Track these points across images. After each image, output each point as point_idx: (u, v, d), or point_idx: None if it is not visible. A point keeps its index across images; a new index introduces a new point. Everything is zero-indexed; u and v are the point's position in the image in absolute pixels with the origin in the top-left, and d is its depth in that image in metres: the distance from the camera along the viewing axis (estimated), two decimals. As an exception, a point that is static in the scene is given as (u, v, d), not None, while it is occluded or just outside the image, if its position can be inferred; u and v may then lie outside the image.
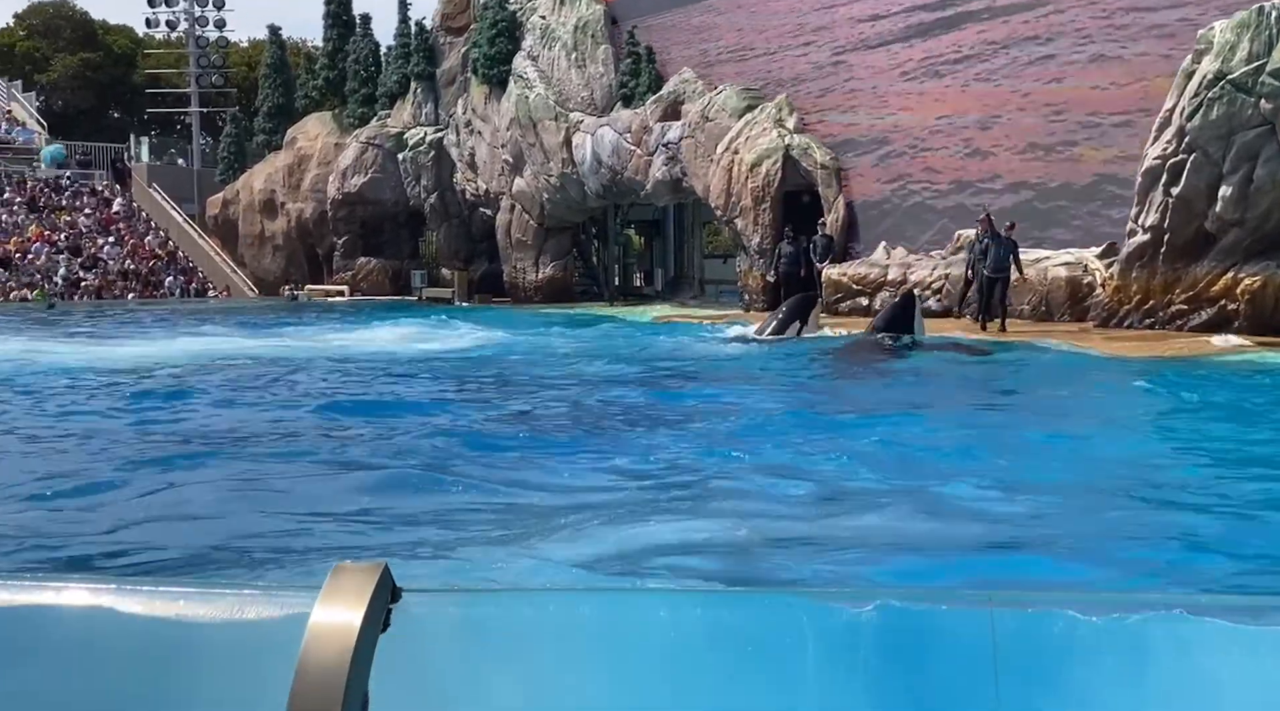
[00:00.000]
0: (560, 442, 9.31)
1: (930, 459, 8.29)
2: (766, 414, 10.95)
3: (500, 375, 15.27)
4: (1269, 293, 17.70)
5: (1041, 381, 14.33)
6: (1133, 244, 19.32)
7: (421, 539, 5.97)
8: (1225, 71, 17.55)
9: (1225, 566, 5.38)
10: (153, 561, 5.64)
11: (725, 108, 29.12)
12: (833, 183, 26.81)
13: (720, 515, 6.42)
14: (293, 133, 42.78)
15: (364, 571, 1.56)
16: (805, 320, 21.06)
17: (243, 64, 56.92)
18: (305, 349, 19.35)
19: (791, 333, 20.80)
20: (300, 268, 42.28)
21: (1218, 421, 10.31)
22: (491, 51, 35.79)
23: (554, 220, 35.61)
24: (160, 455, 8.78)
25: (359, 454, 8.68)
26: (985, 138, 23.99)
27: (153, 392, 13.05)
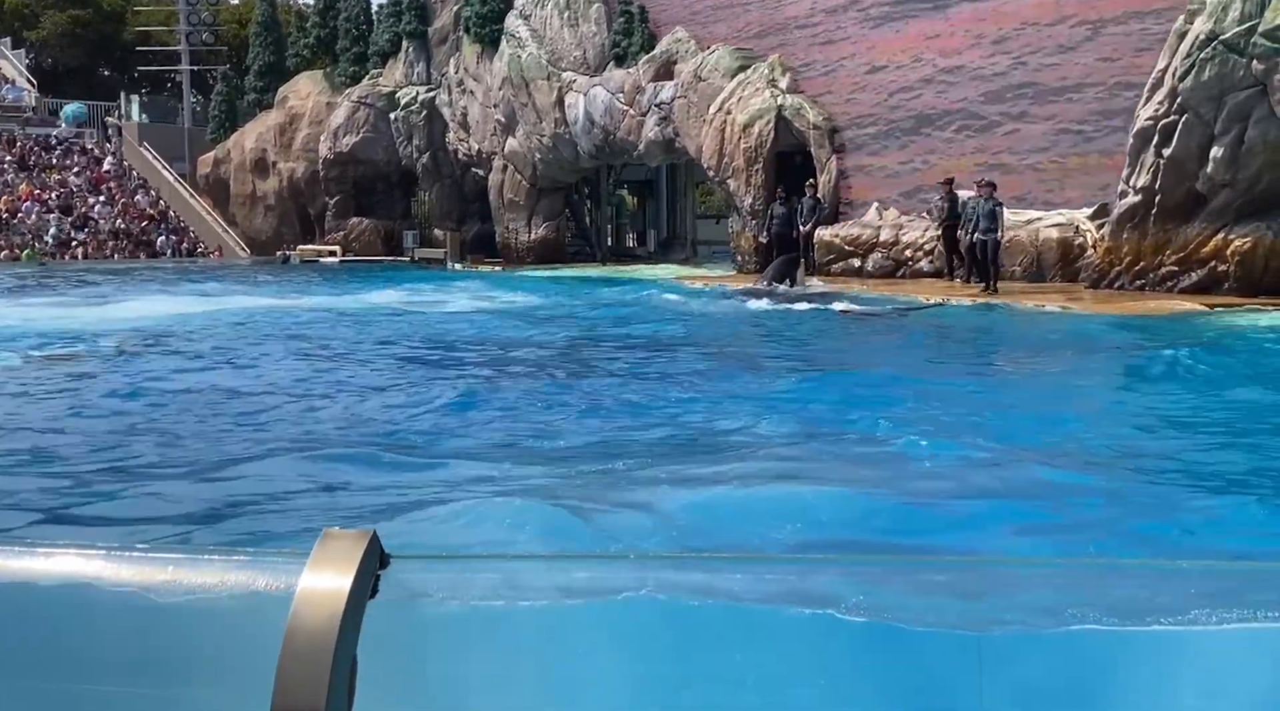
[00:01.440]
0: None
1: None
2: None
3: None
4: (1259, 254, 17.74)
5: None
6: (1124, 205, 19.32)
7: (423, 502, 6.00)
8: (1217, 32, 17.50)
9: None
10: (144, 523, 5.66)
11: (718, 68, 28.99)
12: (825, 143, 26.73)
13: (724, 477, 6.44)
14: (284, 92, 42.51)
15: (352, 538, 1.58)
16: (793, 281, 21.57)
17: (233, 22, 56.45)
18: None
19: (778, 288, 21.20)
20: (292, 227, 42.13)
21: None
22: (484, 10, 35.55)
23: (546, 180, 35.50)
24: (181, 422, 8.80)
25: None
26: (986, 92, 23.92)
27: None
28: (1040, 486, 6.24)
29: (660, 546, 4.96)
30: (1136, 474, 6.54)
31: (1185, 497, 6.06)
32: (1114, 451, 7.22)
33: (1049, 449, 7.14)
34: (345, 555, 1.55)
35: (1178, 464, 6.86)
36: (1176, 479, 6.47)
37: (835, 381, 10.72)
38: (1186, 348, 12.00)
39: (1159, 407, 9.13)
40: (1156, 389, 10.25)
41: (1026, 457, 6.85)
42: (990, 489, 6.07)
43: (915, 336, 15.62)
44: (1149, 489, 6.18)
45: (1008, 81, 23.30)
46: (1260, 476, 6.48)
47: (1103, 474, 6.49)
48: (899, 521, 5.55)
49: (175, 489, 6.48)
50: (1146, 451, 7.29)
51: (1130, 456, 7.08)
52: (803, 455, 7.04)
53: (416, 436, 7.97)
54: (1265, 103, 17.21)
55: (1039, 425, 8.10)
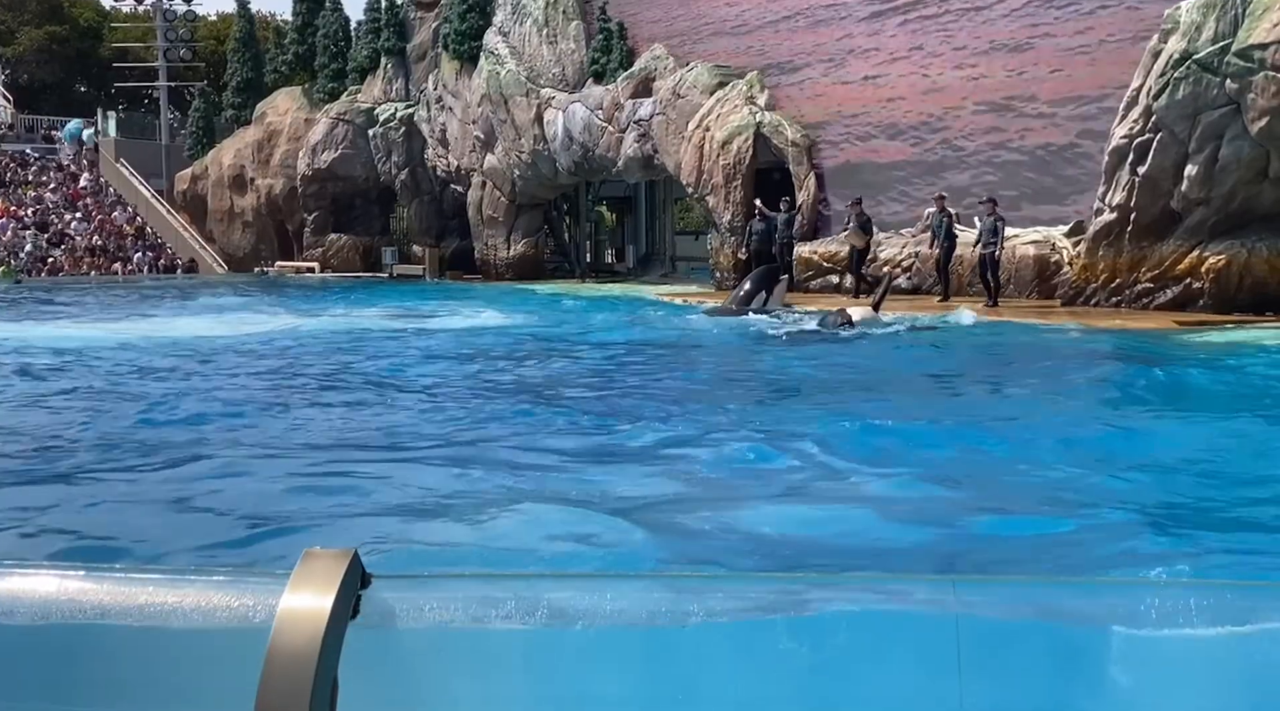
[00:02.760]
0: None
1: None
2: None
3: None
4: (1233, 271, 17.87)
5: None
6: (1100, 222, 19.44)
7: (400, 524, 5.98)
8: (1191, 51, 17.65)
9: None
10: (121, 547, 5.62)
11: (696, 84, 29.07)
12: (803, 160, 26.82)
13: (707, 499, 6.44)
14: (262, 108, 42.44)
15: (333, 558, 1.57)
16: (770, 291, 21.42)
17: (211, 38, 56.38)
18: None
19: (756, 304, 21.04)
20: (270, 244, 42.03)
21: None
22: (463, 27, 35.58)
23: (525, 197, 35.50)
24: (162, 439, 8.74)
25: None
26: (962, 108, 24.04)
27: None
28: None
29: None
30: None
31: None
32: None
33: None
34: (326, 575, 1.54)
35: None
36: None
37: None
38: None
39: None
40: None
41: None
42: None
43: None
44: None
45: (988, 97, 23.42)
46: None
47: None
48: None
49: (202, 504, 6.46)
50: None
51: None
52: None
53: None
54: (1239, 121, 17.35)
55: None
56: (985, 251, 20.63)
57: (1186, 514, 6.14)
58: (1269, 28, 16.78)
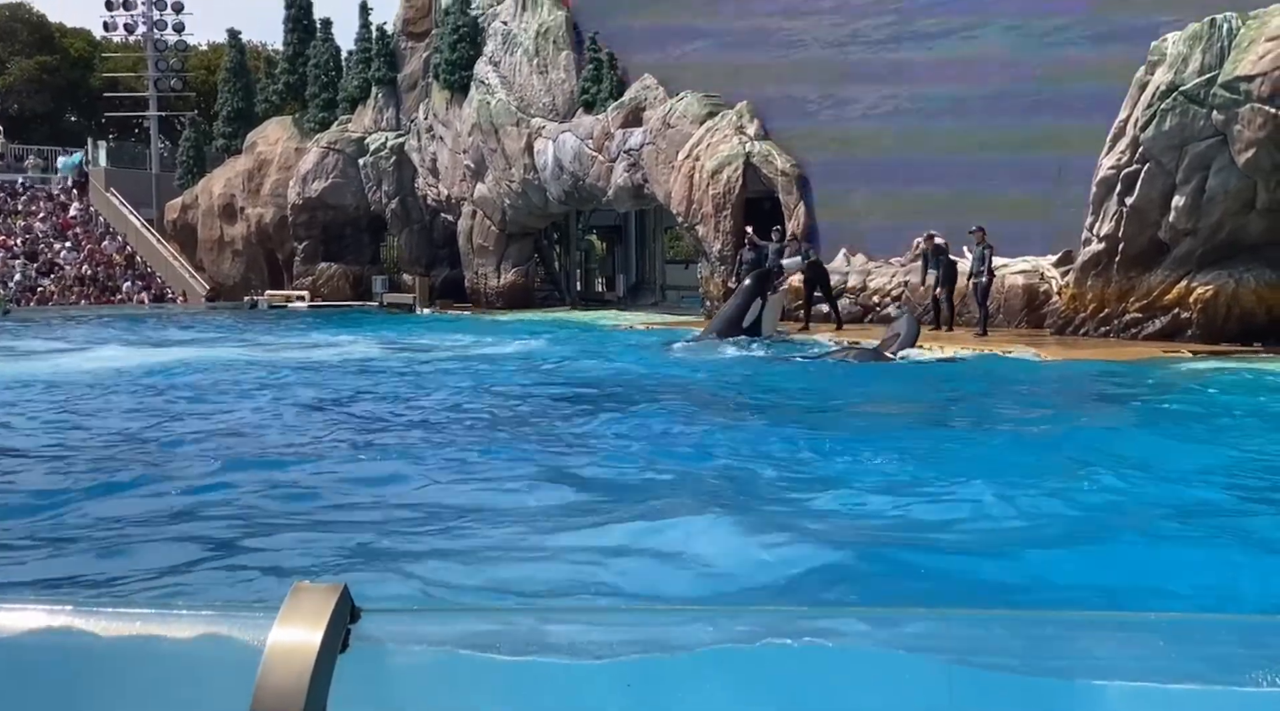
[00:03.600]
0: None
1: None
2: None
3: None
4: (1221, 301, 17.94)
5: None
6: (1088, 252, 19.52)
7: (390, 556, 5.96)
8: (1178, 83, 17.77)
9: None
10: (112, 580, 5.59)
11: (686, 114, 29.18)
12: (793, 189, 26.91)
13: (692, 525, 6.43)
14: (253, 137, 42.48)
15: (323, 591, 1.56)
16: (765, 297, 20.90)
17: (202, 68, 56.45)
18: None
19: (750, 317, 20.54)
20: (260, 273, 41.99)
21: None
22: (453, 57, 35.70)
23: (515, 226, 35.55)
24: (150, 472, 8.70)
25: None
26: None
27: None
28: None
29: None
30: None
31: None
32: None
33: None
34: (316, 609, 1.53)
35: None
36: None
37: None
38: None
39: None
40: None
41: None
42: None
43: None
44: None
45: (977, 129, 23.52)
46: None
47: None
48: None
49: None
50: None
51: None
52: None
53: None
54: (1226, 152, 17.45)
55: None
56: (975, 280, 20.70)
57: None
58: (1254, 60, 16.90)
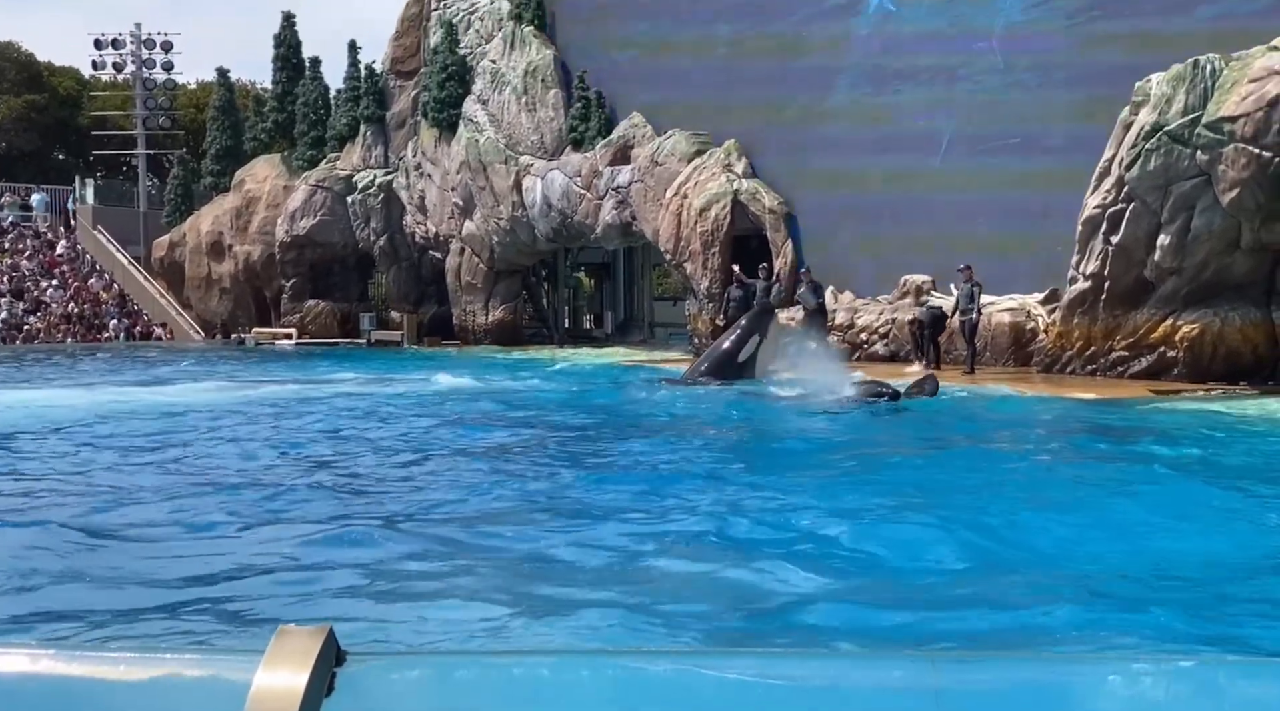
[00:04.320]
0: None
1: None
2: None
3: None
4: (1207, 340, 18.01)
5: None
6: (1074, 291, 19.61)
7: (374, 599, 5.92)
8: (1162, 123, 17.91)
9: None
10: (93, 623, 5.55)
11: (674, 152, 29.33)
12: (781, 227, 27.02)
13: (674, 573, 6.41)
14: (241, 175, 42.54)
15: (308, 635, 1.56)
16: (763, 336, 20.43)
17: (190, 106, 56.61)
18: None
19: (745, 354, 20.17)
20: (247, 310, 41.95)
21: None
22: (441, 95, 35.85)
23: (504, 263, 35.62)
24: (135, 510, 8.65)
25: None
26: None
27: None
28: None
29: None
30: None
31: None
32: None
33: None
34: (300, 652, 1.53)
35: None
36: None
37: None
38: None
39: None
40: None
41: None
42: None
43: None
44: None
45: (962, 168, 23.68)
46: None
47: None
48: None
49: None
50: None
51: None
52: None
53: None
54: (1210, 192, 17.58)
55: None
56: (964, 318, 20.84)
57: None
58: (1237, 101, 17.05)
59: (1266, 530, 7.56)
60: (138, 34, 50.46)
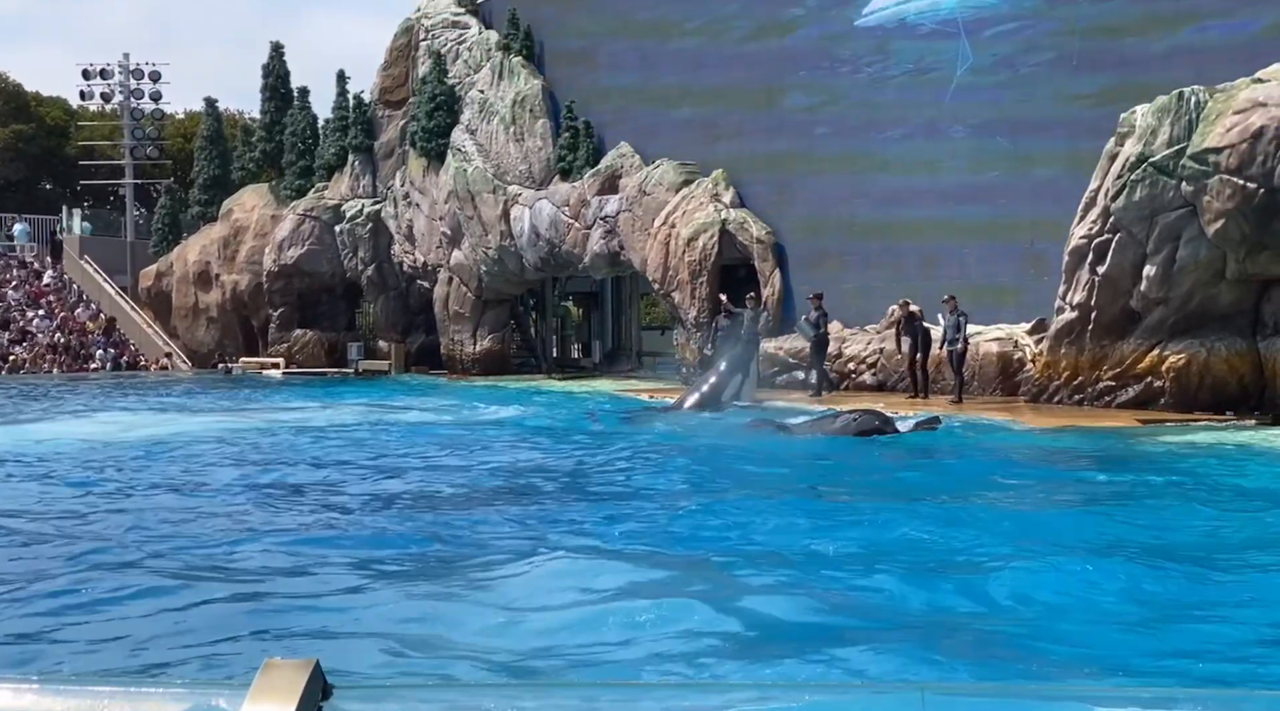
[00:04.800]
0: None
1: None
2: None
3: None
4: (1193, 370, 18.06)
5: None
6: (1061, 321, 19.66)
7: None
8: (1147, 154, 18.00)
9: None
10: (73, 657, 5.50)
11: (662, 182, 29.40)
12: (768, 257, 27.09)
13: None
14: (229, 204, 42.56)
15: (295, 667, 1.55)
16: (746, 375, 21.20)
17: (178, 135, 56.67)
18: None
19: (730, 393, 20.83)
20: (235, 340, 41.90)
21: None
22: (430, 125, 35.94)
23: (492, 292, 35.63)
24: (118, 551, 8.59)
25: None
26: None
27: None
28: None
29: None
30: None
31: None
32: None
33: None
34: (287, 686, 1.52)
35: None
36: None
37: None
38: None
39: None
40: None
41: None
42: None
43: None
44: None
45: (951, 195, 23.78)
46: None
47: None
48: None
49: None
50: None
51: None
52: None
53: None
54: (1195, 223, 17.66)
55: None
56: (951, 348, 20.90)
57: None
58: (1222, 133, 17.16)
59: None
60: (126, 64, 50.58)
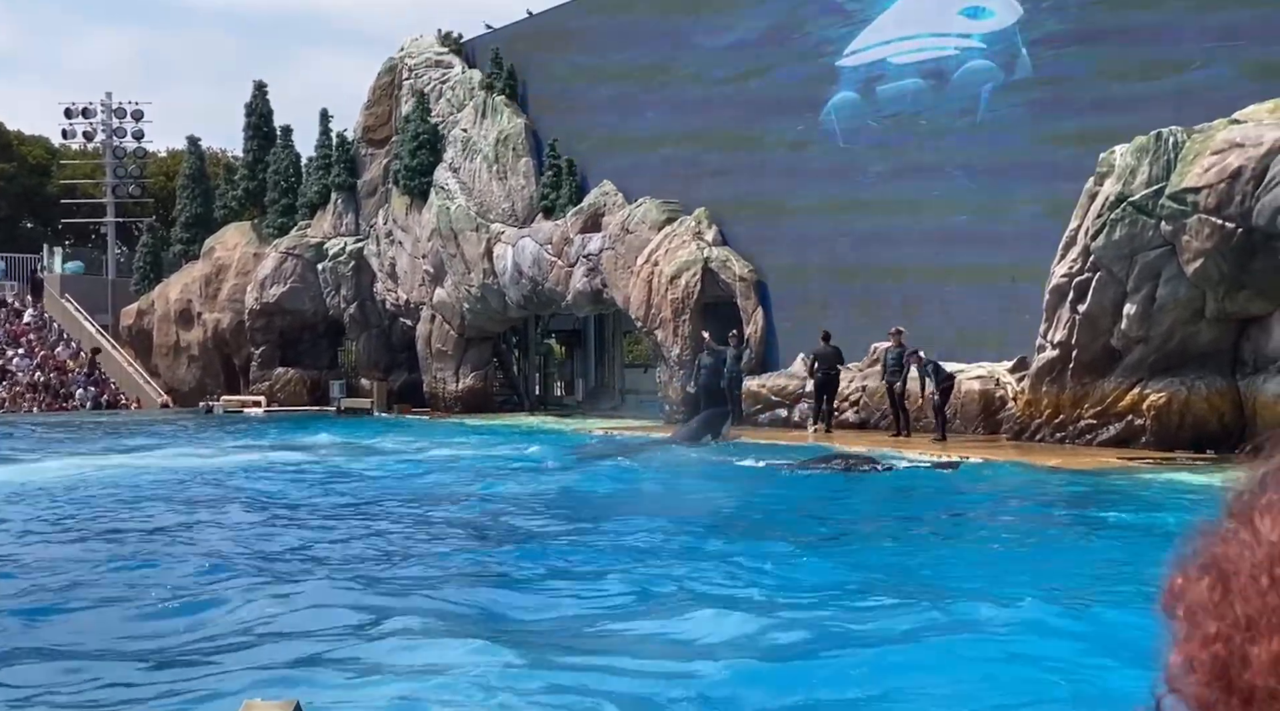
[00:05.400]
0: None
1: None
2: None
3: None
4: (1174, 409, 18.11)
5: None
6: (1042, 359, 19.73)
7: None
8: (1126, 194, 18.13)
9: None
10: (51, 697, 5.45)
11: (645, 220, 29.48)
12: (751, 295, 27.16)
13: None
14: (211, 242, 42.48)
15: (275, 709, 1.53)
16: (716, 433, 21.93)
17: (161, 174, 56.62)
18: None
19: (705, 442, 21.44)
20: (216, 378, 41.71)
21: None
22: (413, 163, 36.01)
23: (474, 330, 35.61)
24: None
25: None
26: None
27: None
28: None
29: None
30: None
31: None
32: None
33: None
34: (267, 728, 1.50)
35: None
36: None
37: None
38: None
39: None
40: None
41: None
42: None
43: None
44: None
45: (932, 234, 23.89)
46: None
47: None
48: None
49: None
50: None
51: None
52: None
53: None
54: (1174, 262, 17.76)
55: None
56: (938, 387, 21.00)
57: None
58: (1200, 173, 17.29)
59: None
60: (109, 103, 50.61)
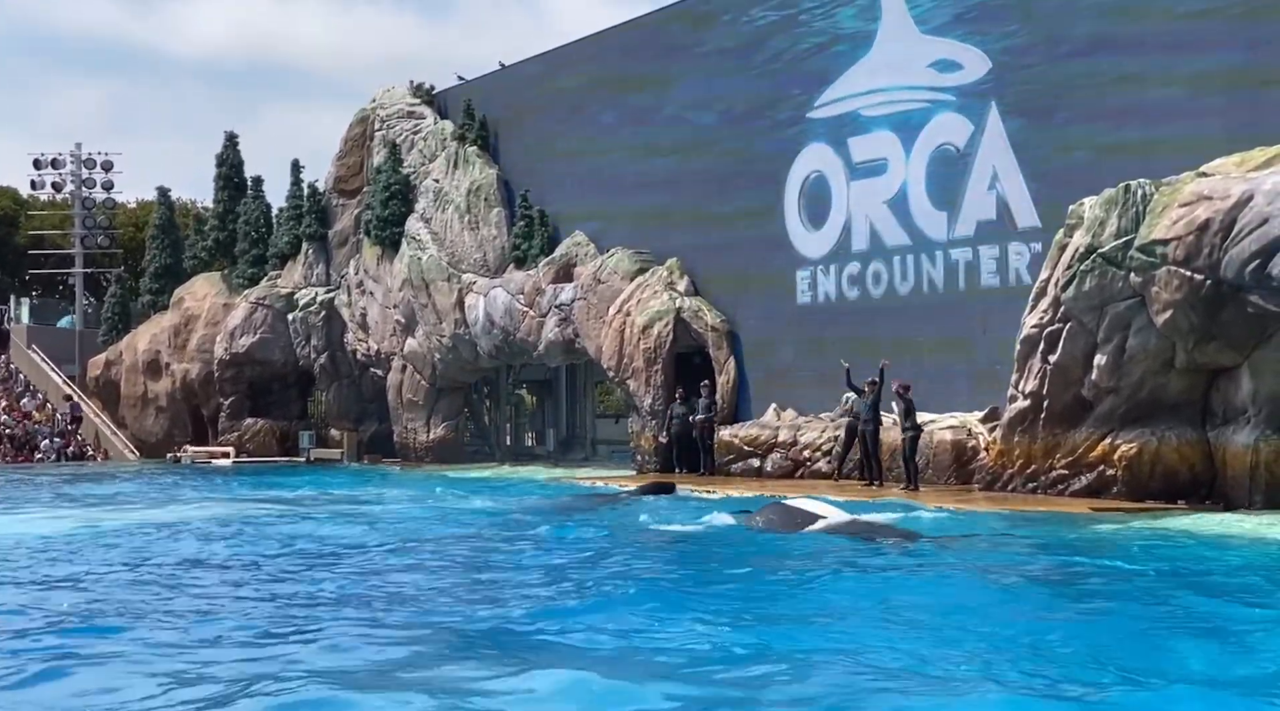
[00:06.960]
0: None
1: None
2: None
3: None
4: (1145, 459, 18.16)
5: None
6: (1014, 409, 19.80)
7: None
8: (1096, 245, 18.25)
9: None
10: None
11: (617, 270, 29.51)
12: (723, 345, 27.18)
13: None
14: (180, 293, 42.30)
15: None
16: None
17: (130, 224, 56.39)
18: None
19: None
20: (184, 429, 41.41)
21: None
22: (384, 213, 36.00)
23: (445, 380, 35.50)
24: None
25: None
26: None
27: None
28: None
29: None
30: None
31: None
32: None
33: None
34: None
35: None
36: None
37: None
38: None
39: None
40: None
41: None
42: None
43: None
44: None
45: (904, 283, 24.03)
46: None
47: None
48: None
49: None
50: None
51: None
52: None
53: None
54: (1144, 313, 17.87)
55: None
56: (906, 434, 21.05)
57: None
58: (1169, 225, 17.42)
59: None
60: (78, 154, 50.49)
